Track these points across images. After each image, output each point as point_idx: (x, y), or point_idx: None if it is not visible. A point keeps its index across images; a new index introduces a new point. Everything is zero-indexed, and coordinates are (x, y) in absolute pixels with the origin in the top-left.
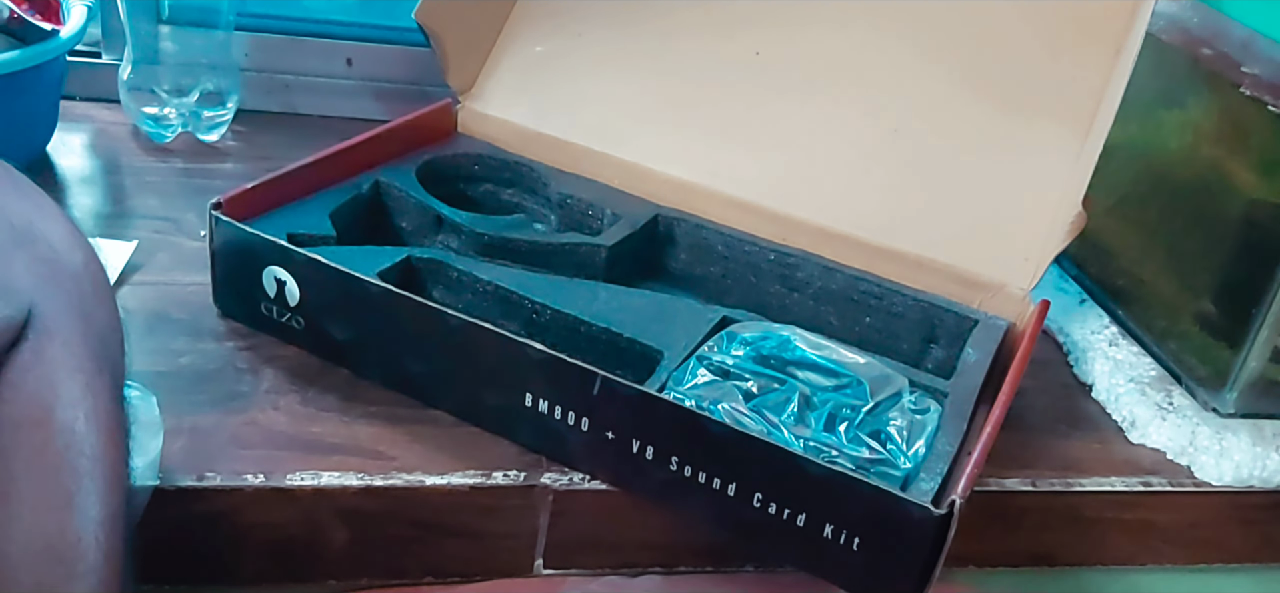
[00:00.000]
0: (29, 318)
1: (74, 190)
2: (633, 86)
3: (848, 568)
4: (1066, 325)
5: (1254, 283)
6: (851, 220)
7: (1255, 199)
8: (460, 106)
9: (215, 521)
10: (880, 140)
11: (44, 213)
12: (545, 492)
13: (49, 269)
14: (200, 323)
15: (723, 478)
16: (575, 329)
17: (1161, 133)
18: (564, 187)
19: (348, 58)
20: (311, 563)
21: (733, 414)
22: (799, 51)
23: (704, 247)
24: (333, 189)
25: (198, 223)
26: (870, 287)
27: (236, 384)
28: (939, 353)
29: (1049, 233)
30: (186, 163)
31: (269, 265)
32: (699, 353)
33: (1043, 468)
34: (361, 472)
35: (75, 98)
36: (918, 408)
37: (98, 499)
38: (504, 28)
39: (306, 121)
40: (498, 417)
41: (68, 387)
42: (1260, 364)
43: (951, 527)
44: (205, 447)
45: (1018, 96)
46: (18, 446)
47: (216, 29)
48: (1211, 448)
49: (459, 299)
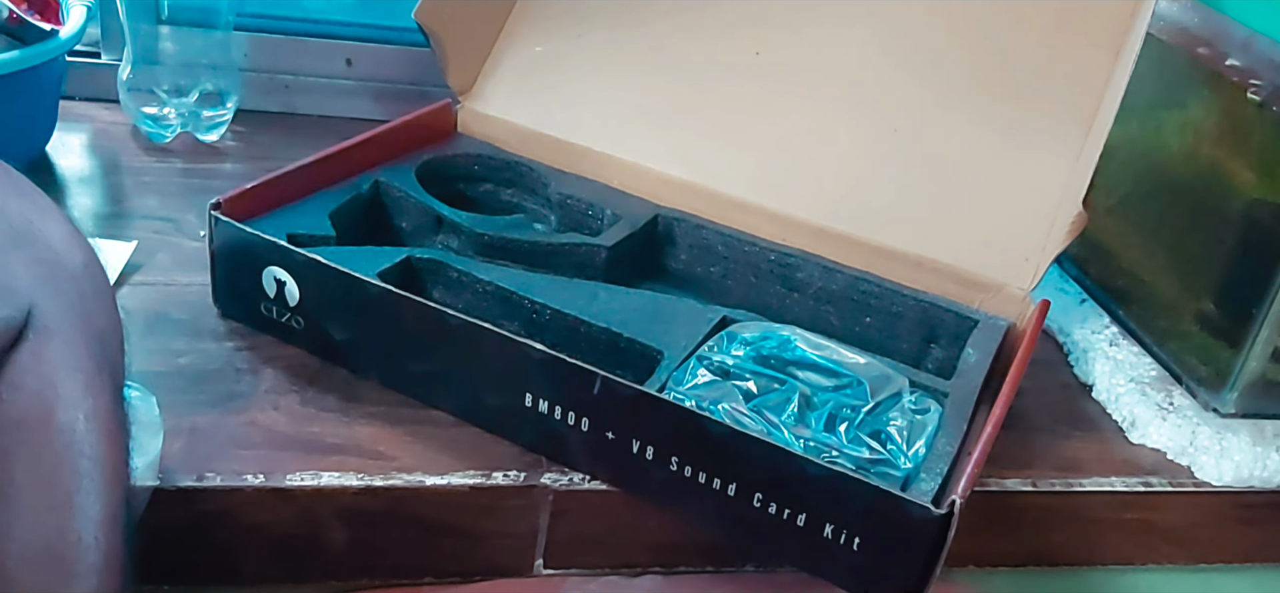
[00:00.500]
0: (29, 318)
1: (73, 190)
2: (633, 86)
3: (848, 568)
4: (1067, 325)
5: (1254, 283)
6: (851, 220)
7: (1255, 199)
8: (460, 107)
9: (215, 521)
10: (880, 140)
11: (44, 213)
12: (545, 492)
13: (49, 269)
14: (200, 323)
15: (723, 478)
16: (575, 329)
17: (1162, 133)
18: (564, 187)
19: (347, 58)
20: (311, 563)
21: (733, 414)
22: (799, 52)
23: (704, 247)
24: (332, 189)
25: (197, 223)
26: (870, 287)
27: (236, 384)
28: (939, 353)
29: (1049, 233)
30: (186, 163)
31: (269, 265)
32: (699, 353)
33: (1043, 468)
34: (361, 472)
35: (75, 98)
36: (918, 408)
37: (98, 499)
38: (504, 28)
39: (306, 122)
40: (498, 417)
41: (68, 387)
42: (1261, 364)
43: (951, 527)
44: (205, 447)
45: (1018, 97)
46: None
47: (216, 29)
48: (1212, 448)
49: (459, 299)
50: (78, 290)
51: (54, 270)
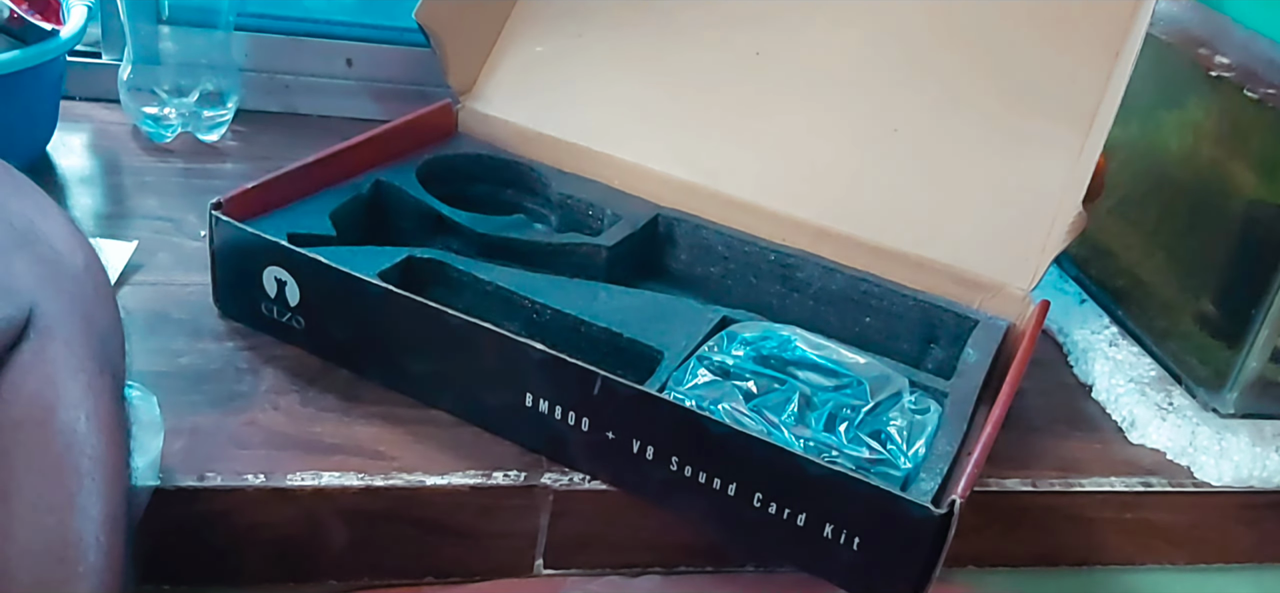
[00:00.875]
0: (30, 318)
1: (74, 190)
2: (633, 86)
3: (848, 568)
4: (1066, 326)
5: (1254, 283)
6: (851, 220)
7: (1255, 199)
8: (460, 107)
9: (215, 521)
10: (880, 140)
11: (45, 214)
12: (545, 492)
13: (50, 270)
14: (200, 323)
15: (723, 478)
16: (575, 329)
17: (1161, 133)
18: (564, 187)
19: (348, 58)
20: (311, 563)
21: (733, 414)
22: (799, 52)
23: (704, 247)
24: (333, 189)
25: (198, 223)
26: (870, 287)
27: (236, 384)
28: (939, 353)
29: (1049, 233)
30: (186, 163)
31: (269, 265)
32: (699, 353)
33: (1043, 468)
34: (362, 472)
35: (75, 98)
36: (918, 408)
37: (99, 500)
38: (504, 28)
39: (306, 122)
40: (498, 417)
41: (69, 387)
42: (1260, 364)
43: (951, 527)
44: (205, 447)
45: (1018, 96)
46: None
47: (216, 29)
48: (1211, 448)
49: (459, 299)
50: (79, 291)
51: (55, 271)
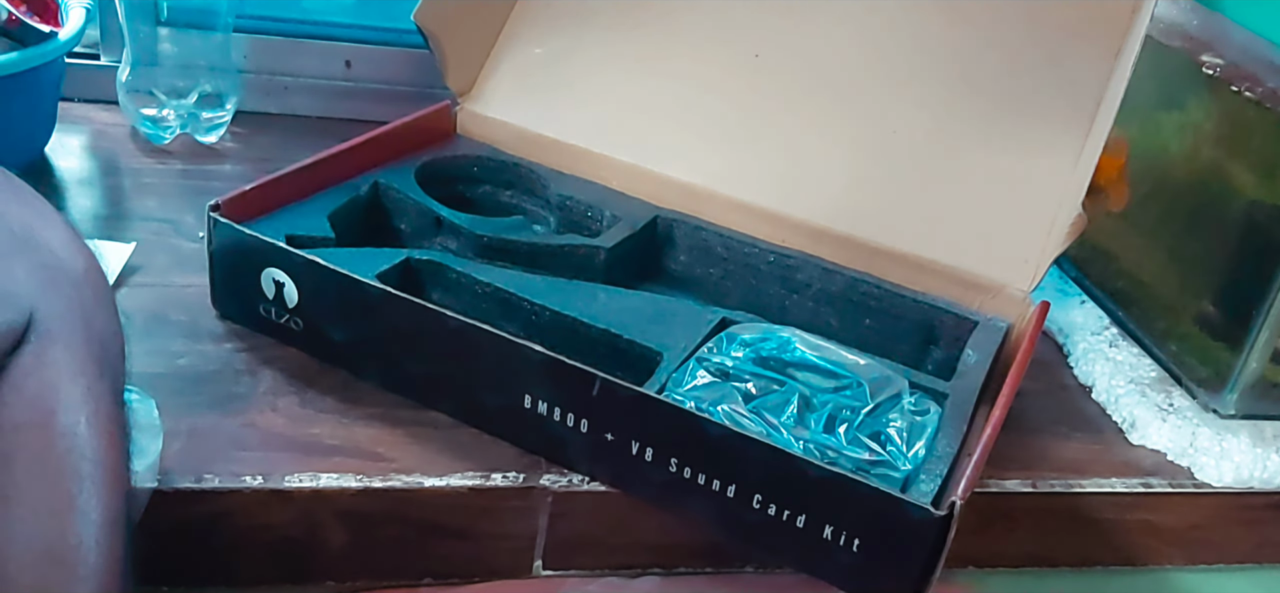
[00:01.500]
0: (30, 323)
1: (72, 192)
2: (632, 87)
3: (847, 569)
4: (1066, 327)
5: (1254, 284)
6: (851, 221)
7: (1255, 200)
8: (459, 108)
9: (214, 522)
10: (880, 141)
11: (44, 219)
12: (544, 493)
13: (50, 274)
14: (199, 325)
15: (722, 479)
16: (574, 331)
17: (1161, 135)
18: (563, 188)
19: (347, 60)
20: (310, 565)
21: (732, 416)
22: (799, 53)
23: (703, 248)
24: (331, 191)
25: (196, 224)
26: (870, 288)
27: (235, 386)
28: (939, 354)
29: (1049, 234)
30: (185, 164)
31: (267, 267)
32: (698, 354)
33: (1043, 469)
34: (360, 473)
35: (73, 100)
36: (918, 409)
37: (99, 503)
38: (503, 29)
39: (305, 123)
40: (497, 418)
41: (69, 391)
42: (1260, 366)
43: (951, 528)
44: (204, 449)
45: (1018, 97)
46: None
47: (215, 31)
48: (1212, 449)
49: (458, 301)
50: (79, 295)
51: (55, 276)
